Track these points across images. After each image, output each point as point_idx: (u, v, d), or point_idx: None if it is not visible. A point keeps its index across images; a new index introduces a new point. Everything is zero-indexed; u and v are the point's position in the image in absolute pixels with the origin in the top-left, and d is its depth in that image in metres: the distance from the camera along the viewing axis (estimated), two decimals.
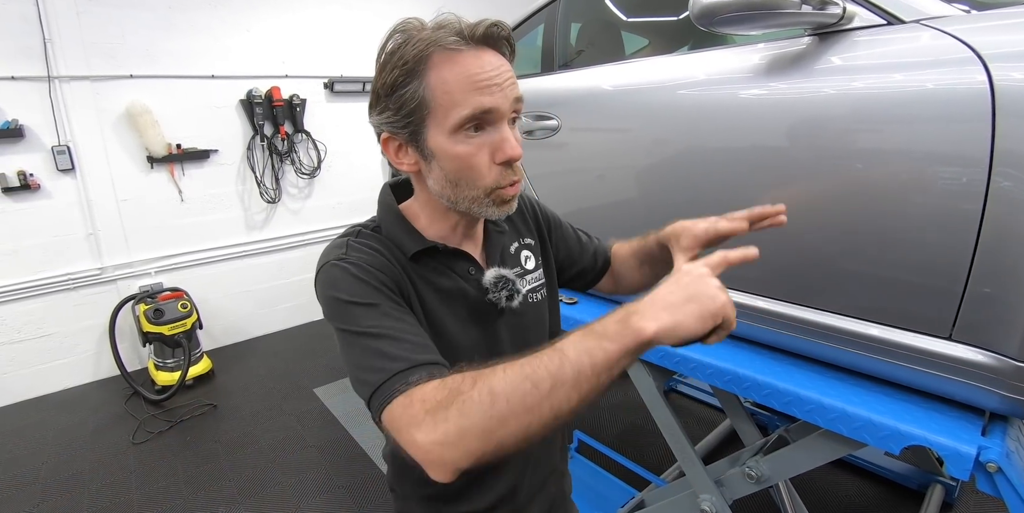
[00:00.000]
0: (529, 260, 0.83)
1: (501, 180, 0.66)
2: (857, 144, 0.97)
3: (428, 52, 0.61)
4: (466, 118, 0.62)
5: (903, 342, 0.96)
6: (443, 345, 0.67)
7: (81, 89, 3.17)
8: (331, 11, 3.99)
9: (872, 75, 0.96)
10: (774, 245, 1.14)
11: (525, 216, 0.88)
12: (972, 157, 0.82)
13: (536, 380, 0.51)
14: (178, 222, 3.59)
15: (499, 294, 0.74)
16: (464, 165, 0.64)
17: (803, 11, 1.00)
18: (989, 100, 0.81)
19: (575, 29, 1.94)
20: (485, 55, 0.63)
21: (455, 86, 0.61)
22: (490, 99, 0.62)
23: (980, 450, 0.83)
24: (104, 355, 3.37)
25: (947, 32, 0.90)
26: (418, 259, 0.71)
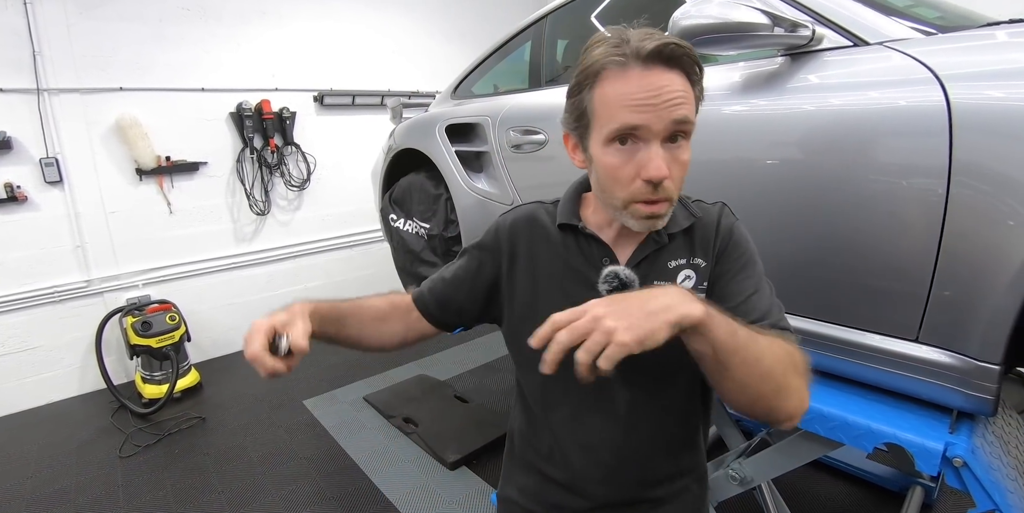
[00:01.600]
0: (688, 280, 0.77)
1: (638, 196, 0.68)
2: (826, 157, 1.03)
3: (599, 66, 0.67)
4: (614, 131, 0.67)
5: (874, 345, 1.01)
6: (535, 309, 0.78)
7: (70, 101, 3.18)
8: (321, 25, 4.04)
9: (840, 93, 1.02)
10: None
11: (711, 237, 0.79)
12: (933, 168, 0.88)
13: None
14: (167, 234, 3.58)
15: (602, 286, 0.75)
16: (610, 175, 0.70)
17: (775, 33, 1.07)
18: (946, 116, 0.87)
19: (561, 46, 2.00)
20: (652, 75, 0.65)
21: (611, 102, 0.66)
22: (638, 117, 0.65)
23: (947, 446, 0.88)
24: (90, 368, 3.33)
25: (908, 53, 0.97)
26: (564, 231, 0.81)
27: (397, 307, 0.90)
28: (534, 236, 0.83)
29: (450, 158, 2.06)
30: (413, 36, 4.51)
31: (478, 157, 2.03)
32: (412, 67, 4.50)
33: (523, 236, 0.84)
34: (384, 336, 0.88)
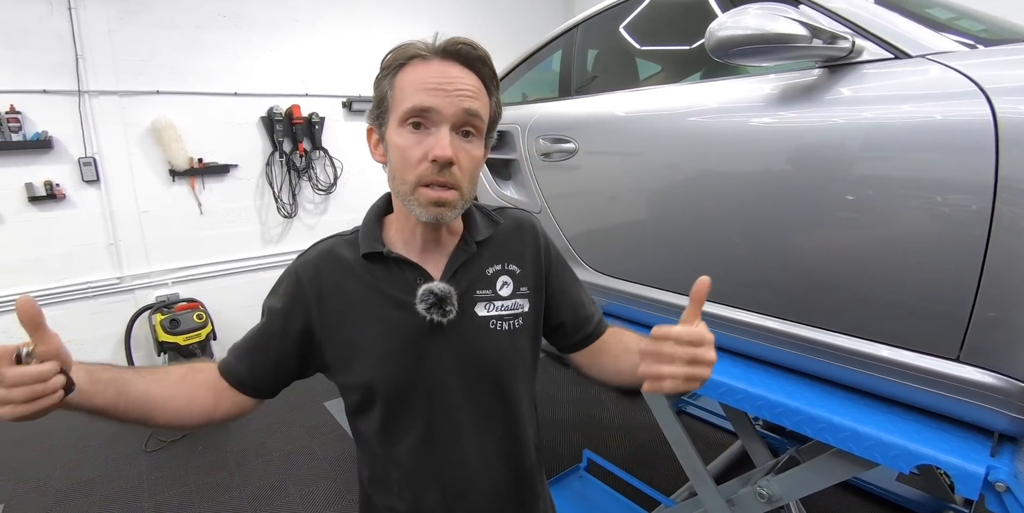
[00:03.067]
0: (506, 287, 0.81)
1: (424, 176, 0.70)
2: (866, 171, 1.02)
3: (405, 58, 0.72)
4: (407, 112, 0.70)
5: (912, 363, 0.98)
6: (362, 346, 0.77)
7: (109, 103, 3.28)
8: (350, 33, 4.12)
9: (880, 106, 1.01)
10: (786, 268, 1.18)
11: (524, 244, 0.84)
12: (977, 185, 0.86)
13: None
14: (197, 234, 3.66)
15: (420, 306, 0.74)
16: (400, 156, 0.71)
17: (814, 45, 1.05)
18: (992, 131, 0.85)
19: (592, 56, 2.01)
20: (449, 67, 0.71)
21: (407, 85, 0.71)
22: (431, 100, 0.69)
23: (989, 470, 0.85)
24: (119, 363, 3.41)
25: (952, 67, 0.95)
26: (371, 259, 0.78)
27: (201, 372, 0.80)
28: (338, 272, 0.78)
29: None
30: None
31: (506, 165, 2.04)
32: None
33: (326, 275, 0.79)
34: (186, 408, 0.75)
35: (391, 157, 0.73)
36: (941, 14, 1.23)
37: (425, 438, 0.78)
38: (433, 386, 0.77)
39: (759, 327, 1.24)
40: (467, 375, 0.77)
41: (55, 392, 0.57)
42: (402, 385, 0.76)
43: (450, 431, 0.79)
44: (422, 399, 0.77)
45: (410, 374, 0.76)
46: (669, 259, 1.45)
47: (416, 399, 0.77)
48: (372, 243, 0.78)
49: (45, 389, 0.56)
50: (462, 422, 0.79)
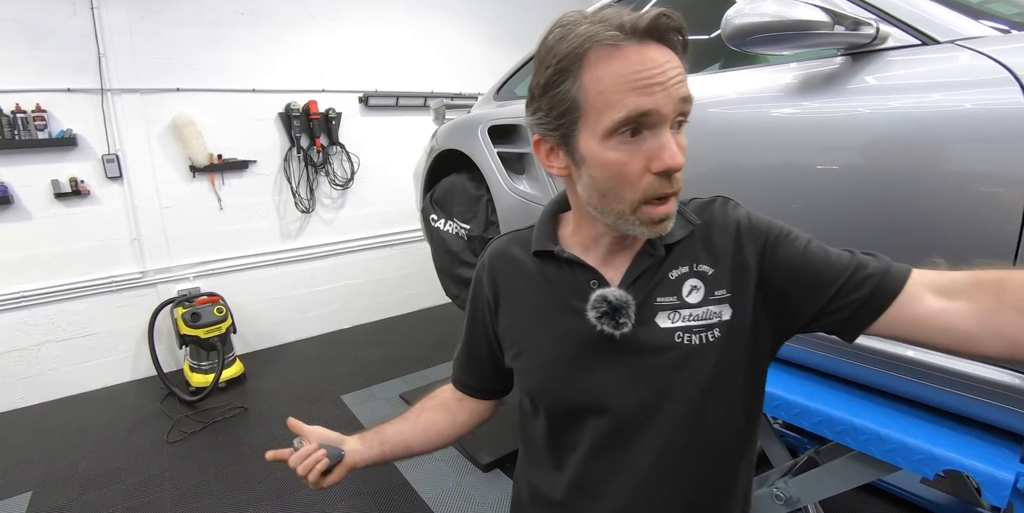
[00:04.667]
0: (695, 292, 0.66)
1: (651, 192, 0.59)
2: (892, 163, 0.97)
3: (584, 48, 0.56)
4: (620, 121, 0.56)
5: (940, 365, 0.94)
6: (529, 351, 0.74)
7: (131, 101, 3.34)
8: (367, 28, 4.12)
9: (907, 95, 0.96)
10: None
11: (718, 239, 0.68)
12: (1011, 176, 0.82)
13: None
14: (217, 229, 3.71)
15: (591, 313, 0.65)
16: (614, 173, 0.59)
17: (836, 32, 1.01)
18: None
19: None
20: (649, 50, 0.56)
21: (610, 85, 0.56)
22: (649, 100, 0.55)
23: (1018, 477, 0.81)
24: (142, 356, 3.49)
25: (983, 52, 0.90)
26: (543, 258, 0.73)
27: (432, 399, 0.91)
28: (511, 271, 0.76)
29: (492, 159, 2.05)
30: (456, 39, 4.54)
31: (520, 159, 2.02)
32: (454, 70, 4.53)
33: (501, 274, 0.77)
34: (432, 434, 0.88)
35: (593, 174, 0.61)
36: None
37: (591, 459, 0.70)
38: (603, 404, 0.67)
39: None
40: (646, 396, 0.66)
41: (320, 462, 0.79)
42: (566, 399, 0.70)
43: (622, 458, 0.68)
44: (589, 417, 0.69)
45: (576, 388, 0.68)
46: None
47: (583, 416, 0.69)
48: (544, 241, 0.72)
49: (314, 460, 0.79)
50: (638, 450, 0.67)
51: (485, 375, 0.86)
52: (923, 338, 0.59)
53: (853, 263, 0.63)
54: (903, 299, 0.59)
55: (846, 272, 0.62)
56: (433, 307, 4.63)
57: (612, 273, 0.69)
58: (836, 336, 0.66)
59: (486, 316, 0.80)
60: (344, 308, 4.31)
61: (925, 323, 0.58)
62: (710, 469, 0.69)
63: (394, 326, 4.37)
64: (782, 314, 0.66)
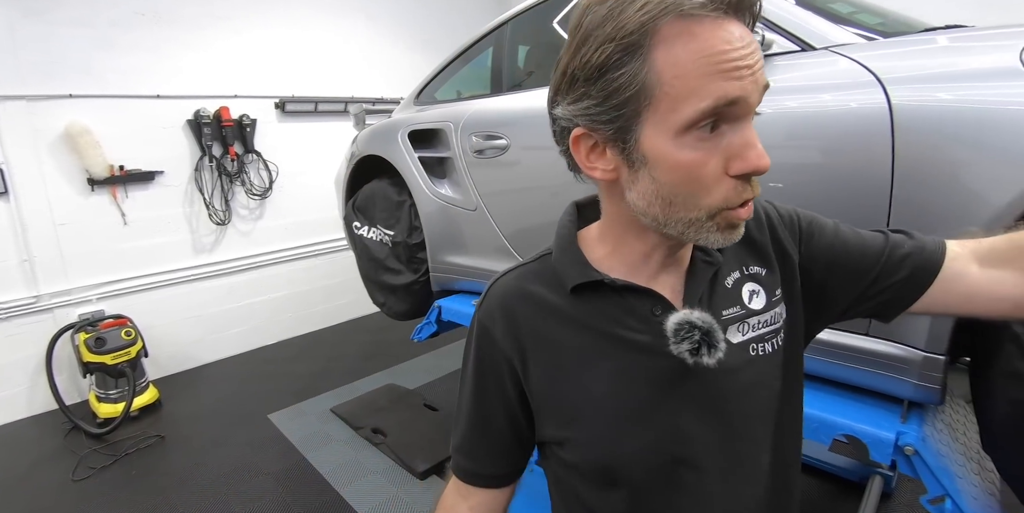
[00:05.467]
0: (757, 297, 0.60)
1: (732, 198, 0.49)
2: (782, 159, 1.06)
3: (658, 20, 0.45)
4: (704, 113, 0.46)
5: (827, 339, 1.04)
6: (587, 412, 0.58)
7: (15, 109, 3.04)
8: (282, 31, 3.98)
9: (790, 96, 1.06)
10: None
11: (764, 236, 0.62)
12: (877, 166, 0.92)
13: None
14: (121, 246, 3.45)
15: (680, 345, 0.53)
16: (688, 177, 0.48)
17: None
18: (888, 117, 0.91)
19: (523, 52, 2.02)
20: (731, 25, 0.45)
21: (692, 68, 0.45)
22: (738, 86, 0.45)
23: (899, 435, 0.91)
24: (40, 388, 3.17)
25: (852, 58, 1.00)
26: (580, 293, 0.58)
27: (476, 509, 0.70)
28: (537, 315, 0.60)
29: (413, 164, 2.04)
30: (377, 43, 4.48)
31: (441, 163, 2.02)
32: (376, 74, 4.47)
33: (523, 320, 0.61)
34: None
35: (659, 177, 0.49)
36: (843, 8, 1.31)
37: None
38: (696, 452, 0.57)
39: None
40: (736, 427, 0.58)
41: None
42: (656, 456, 0.57)
43: (733, 502, 0.59)
44: (683, 471, 0.57)
45: (667, 439, 0.56)
46: None
47: (677, 473, 0.57)
48: (583, 270, 0.58)
49: None
50: (748, 489, 0.59)
51: (508, 455, 0.67)
52: (969, 309, 0.58)
53: (888, 244, 0.60)
54: (945, 275, 0.57)
55: (883, 254, 0.59)
56: (361, 317, 4.51)
57: (668, 293, 0.58)
58: (877, 317, 0.64)
59: (504, 379, 0.62)
60: (267, 323, 4.12)
61: (970, 296, 0.57)
62: (797, 480, 0.66)
63: (321, 339, 4.22)
64: (820, 304, 0.63)
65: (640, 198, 0.52)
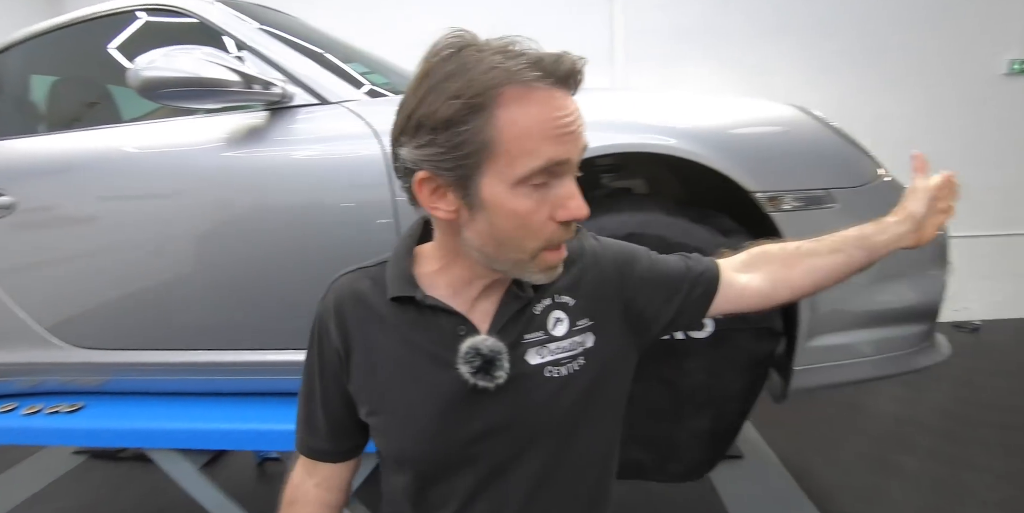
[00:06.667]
0: (560, 324, 0.67)
1: (554, 240, 0.58)
2: (303, 201, 1.18)
3: (501, 84, 0.51)
4: (536, 171, 0.53)
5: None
6: (391, 410, 0.66)
7: None
8: None
9: (311, 145, 1.18)
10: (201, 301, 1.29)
11: (576, 269, 0.69)
12: (382, 208, 1.10)
13: None
14: None
15: (463, 367, 0.60)
16: (520, 223, 0.55)
17: (250, 90, 1.15)
18: (384, 165, 1.10)
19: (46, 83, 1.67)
20: (560, 94, 0.54)
21: (530, 131, 0.52)
22: (564, 149, 0.54)
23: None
24: None
25: (356, 113, 1.18)
26: (402, 303, 0.64)
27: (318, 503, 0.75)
28: (363, 318, 0.66)
29: None
30: None
31: None
32: None
33: (352, 320, 0.67)
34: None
35: (495, 222, 0.55)
36: (359, 68, 1.52)
37: (465, 508, 0.66)
38: (477, 453, 0.64)
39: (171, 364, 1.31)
40: (519, 436, 0.65)
41: None
42: (440, 456, 0.65)
43: (497, 500, 0.66)
44: (463, 468, 0.65)
45: (449, 444, 0.64)
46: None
47: (456, 469, 0.65)
48: (402, 285, 0.63)
49: None
50: (513, 487, 0.66)
51: (347, 431, 0.73)
52: (738, 306, 0.73)
53: (686, 266, 0.73)
54: (722, 284, 0.72)
55: (687, 276, 0.71)
56: None
57: (479, 317, 0.64)
58: (686, 329, 0.76)
59: (336, 366, 0.69)
60: None
61: (739, 296, 0.72)
62: (584, 488, 0.71)
63: None
64: (642, 328, 0.71)
65: (476, 237, 0.58)
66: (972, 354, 3.34)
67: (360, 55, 1.70)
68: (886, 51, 3.57)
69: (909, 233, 0.71)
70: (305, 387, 0.73)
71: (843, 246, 0.71)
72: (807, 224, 1.07)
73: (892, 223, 0.72)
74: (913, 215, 0.71)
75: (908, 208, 0.72)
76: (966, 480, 2.10)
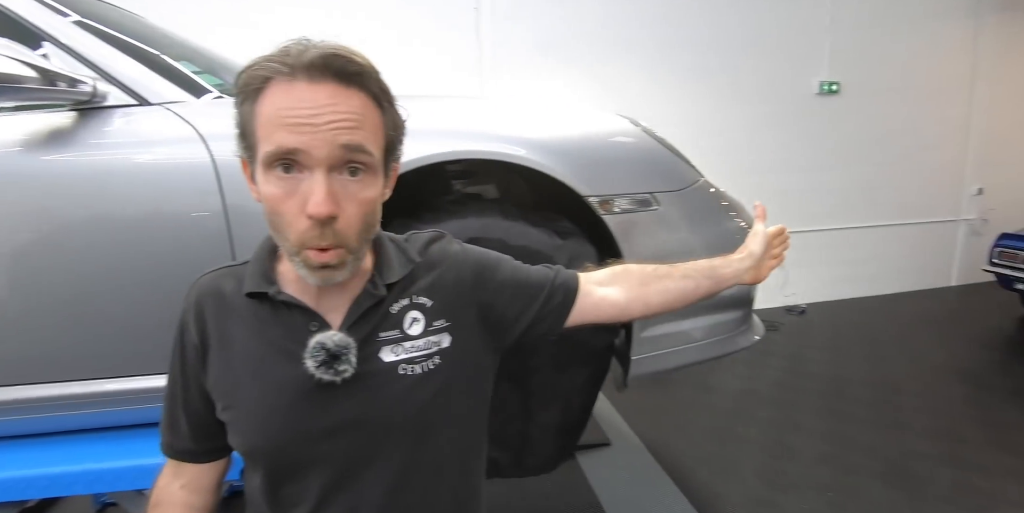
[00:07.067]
0: (416, 324, 0.68)
1: (306, 239, 0.56)
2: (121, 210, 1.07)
3: (265, 76, 0.55)
4: (270, 155, 0.55)
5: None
6: (242, 405, 0.66)
7: None
8: None
9: (131, 149, 1.07)
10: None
11: (436, 272, 0.71)
12: (212, 211, 1.04)
13: None
14: None
15: (310, 362, 0.61)
16: (272, 209, 0.58)
17: (52, 88, 1.02)
18: (213, 169, 1.04)
19: None
20: (321, 89, 0.55)
21: (266, 119, 0.55)
22: (295, 139, 0.54)
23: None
24: None
25: (181, 115, 1.09)
26: (260, 300, 0.66)
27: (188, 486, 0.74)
28: (221, 313, 0.68)
29: None
30: None
31: None
32: None
33: (210, 316, 0.68)
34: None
35: (265, 205, 0.59)
36: (190, 67, 1.41)
37: (322, 507, 0.66)
38: (329, 451, 0.65)
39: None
40: (373, 433, 0.66)
41: None
42: (290, 452, 0.65)
43: (355, 498, 0.66)
44: (315, 466, 0.66)
45: (300, 439, 0.65)
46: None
47: (308, 465, 0.66)
48: (258, 281, 0.65)
49: None
50: (371, 485, 0.66)
51: (209, 431, 0.71)
52: (596, 317, 0.78)
53: (547, 275, 0.76)
54: (580, 295, 0.76)
55: (545, 285, 0.75)
56: None
57: (333, 313, 0.65)
58: (544, 336, 0.77)
59: (196, 364, 0.69)
60: None
61: (596, 306, 0.77)
62: (446, 489, 0.71)
63: None
64: (501, 332, 0.74)
65: (268, 223, 0.60)
66: (800, 333, 3.86)
67: (196, 53, 1.58)
68: (718, 71, 4.01)
69: (750, 269, 0.83)
70: (168, 387, 0.73)
71: (694, 274, 0.81)
72: (634, 224, 1.18)
73: (736, 259, 0.83)
74: (753, 253, 0.84)
75: (749, 247, 0.85)
76: (792, 441, 2.42)
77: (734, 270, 0.83)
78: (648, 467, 2.22)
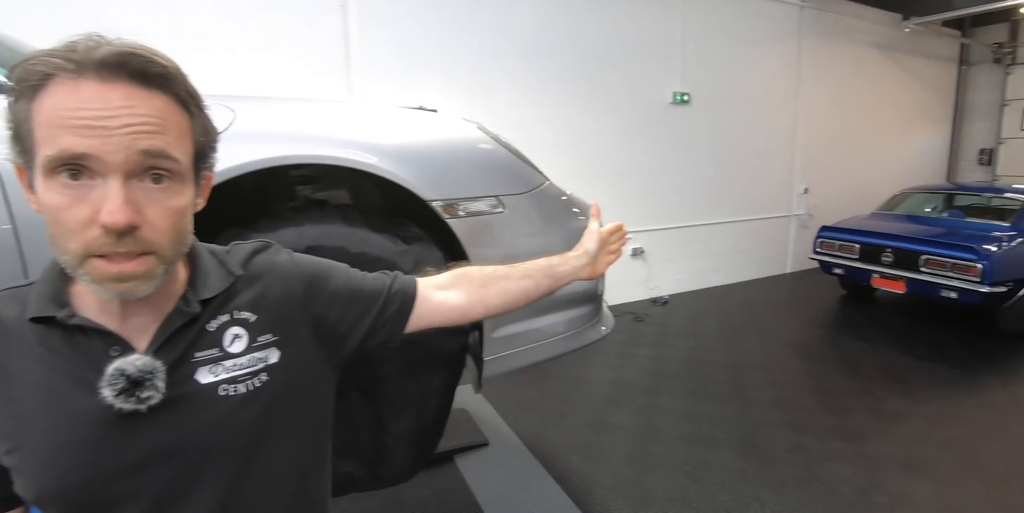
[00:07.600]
0: (238, 340, 0.63)
1: (94, 247, 0.50)
2: None
3: (45, 72, 0.49)
4: (52, 160, 0.49)
5: None
6: (29, 445, 0.58)
7: None
8: None
9: None
10: None
11: (260, 285, 0.67)
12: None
13: None
14: None
15: (107, 391, 0.55)
16: (54, 219, 0.51)
17: None
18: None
19: None
20: (115, 90, 0.49)
21: (46, 119, 0.49)
22: (83, 143, 0.48)
23: None
24: None
25: None
26: (49, 325, 0.57)
27: None
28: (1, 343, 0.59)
29: None
30: None
31: None
32: None
33: None
34: None
35: (45, 216, 0.51)
36: None
37: None
38: (138, 487, 0.57)
39: None
40: (191, 461, 0.59)
41: None
42: (89, 494, 0.57)
43: None
44: (121, 506, 0.57)
45: (99, 478, 0.56)
46: None
47: (111, 507, 0.57)
48: (46, 304, 0.57)
49: None
50: None
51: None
52: (438, 320, 0.77)
53: (383, 283, 0.74)
54: (419, 300, 0.75)
55: (382, 293, 0.73)
56: None
57: (138, 336, 0.59)
58: (384, 344, 0.75)
59: None
60: None
61: (436, 310, 0.76)
62: (283, 509, 0.66)
63: None
64: (336, 343, 0.70)
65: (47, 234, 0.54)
66: (664, 322, 4.19)
67: None
68: (580, 80, 4.24)
69: (586, 266, 0.87)
70: None
71: (533, 273, 0.82)
72: (481, 227, 1.21)
73: (572, 257, 0.87)
74: (588, 251, 0.88)
75: (584, 245, 0.88)
76: (658, 423, 2.62)
77: (571, 267, 0.86)
78: (526, 463, 2.28)
